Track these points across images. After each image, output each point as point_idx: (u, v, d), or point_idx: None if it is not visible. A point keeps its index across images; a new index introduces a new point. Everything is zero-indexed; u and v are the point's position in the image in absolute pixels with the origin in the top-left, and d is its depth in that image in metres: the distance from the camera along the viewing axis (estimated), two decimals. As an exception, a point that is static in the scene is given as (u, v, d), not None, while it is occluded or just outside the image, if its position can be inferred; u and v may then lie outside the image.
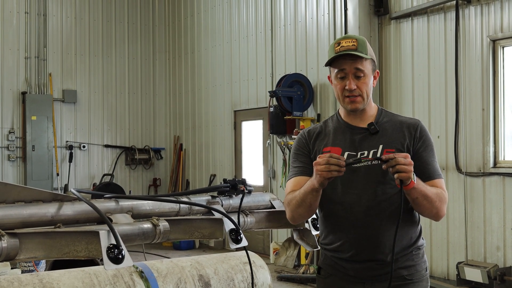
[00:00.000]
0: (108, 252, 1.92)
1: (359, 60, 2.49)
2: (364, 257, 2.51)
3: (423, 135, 2.56)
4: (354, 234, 2.52)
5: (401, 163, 2.27)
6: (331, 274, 2.64)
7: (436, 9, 7.32)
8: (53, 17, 11.20)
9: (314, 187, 2.40)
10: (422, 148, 2.53)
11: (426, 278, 2.61)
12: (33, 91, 10.86)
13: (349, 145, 2.57)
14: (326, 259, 2.66)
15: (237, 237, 2.45)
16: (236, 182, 2.77)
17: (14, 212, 2.05)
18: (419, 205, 2.44)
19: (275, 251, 9.02)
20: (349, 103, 2.54)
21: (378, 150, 2.52)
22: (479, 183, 6.86)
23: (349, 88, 2.51)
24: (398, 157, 2.29)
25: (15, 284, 2.54)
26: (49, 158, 10.87)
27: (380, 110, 2.67)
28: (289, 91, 8.55)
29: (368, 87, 2.55)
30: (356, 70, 2.50)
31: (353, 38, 2.53)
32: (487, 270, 6.44)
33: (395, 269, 2.48)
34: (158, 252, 9.53)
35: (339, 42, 2.52)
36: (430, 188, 2.44)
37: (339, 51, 2.50)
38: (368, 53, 2.54)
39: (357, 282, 2.55)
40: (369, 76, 2.54)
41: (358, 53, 2.48)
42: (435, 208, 2.45)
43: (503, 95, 6.76)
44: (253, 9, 10.04)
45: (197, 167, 11.50)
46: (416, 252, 2.57)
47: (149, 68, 12.25)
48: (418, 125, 2.57)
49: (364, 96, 2.54)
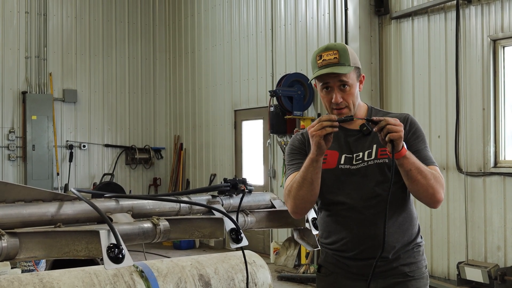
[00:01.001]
0: (108, 252, 1.92)
1: (342, 74, 2.49)
2: (367, 255, 2.52)
3: (413, 127, 2.57)
4: (357, 233, 2.54)
5: (391, 123, 2.29)
6: (333, 272, 2.65)
7: (436, 9, 7.32)
8: (54, 17, 11.20)
9: (313, 156, 2.40)
10: (412, 138, 2.54)
11: (426, 276, 2.64)
12: (33, 91, 10.86)
13: (345, 148, 2.59)
14: (328, 257, 2.66)
15: (237, 236, 2.45)
16: (236, 182, 2.77)
17: (14, 211, 2.04)
18: (413, 180, 2.41)
19: (275, 250, 9.02)
20: (338, 115, 2.53)
21: (373, 151, 2.54)
22: (479, 183, 6.86)
23: (335, 101, 2.51)
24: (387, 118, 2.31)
25: (15, 283, 2.54)
26: (49, 158, 10.87)
27: (369, 109, 2.68)
28: (289, 90, 8.55)
29: (355, 95, 2.56)
30: (341, 82, 2.51)
31: (334, 50, 2.50)
32: (488, 270, 6.44)
33: (397, 266, 2.53)
34: (158, 252, 9.53)
35: (321, 55, 2.51)
36: (424, 166, 2.44)
37: (321, 65, 2.50)
38: (351, 62, 2.52)
39: (359, 279, 2.56)
40: (354, 86, 2.55)
41: (340, 66, 2.48)
42: (430, 187, 2.43)
43: (503, 94, 6.76)
44: (253, 8, 10.04)
45: (198, 166, 11.50)
46: (417, 249, 2.60)
47: (150, 67, 12.25)
48: (408, 118, 2.59)
49: (351, 106, 2.55)
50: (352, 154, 2.57)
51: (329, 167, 2.57)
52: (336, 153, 2.59)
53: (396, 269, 2.54)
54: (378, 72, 7.89)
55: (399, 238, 2.53)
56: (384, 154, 2.52)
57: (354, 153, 2.57)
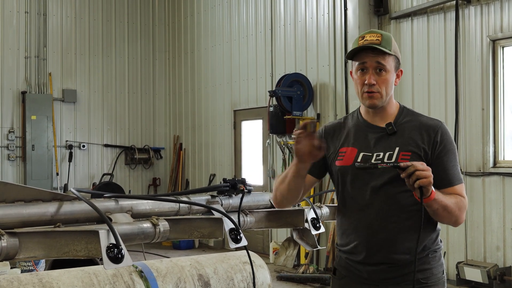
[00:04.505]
0: (108, 252, 1.92)
1: (381, 55, 2.42)
2: (378, 260, 2.45)
3: (444, 139, 2.46)
4: (368, 236, 2.46)
5: (419, 169, 2.20)
6: (345, 275, 2.59)
7: (436, 9, 7.32)
8: (53, 17, 11.20)
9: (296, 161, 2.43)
10: (443, 153, 2.44)
11: (443, 282, 2.53)
12: (33, 91, 10.86)
13: (365, 145, 2.50)
14: (341, 260, 2.61)
15: (236, 236, 2.45)
16: (235, 182, 2.76)
17: (14, 211, 2.04)
18: (438, 216, 2.37)
19: (274, 250, 9.02)
20: (367, 98, 2.45)
21: (394, 153, 2.43)
22: (478, 183, 6.86)
23: (368, 83, 2.42)
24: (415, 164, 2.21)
25: (15, 283, 2.54)
26: (48, 158, 10.86)
27: (401, 108, 2.57)
28: (288, 90, 8.55)
29: (389, 84, 2.46)
30: (378, 64, 2.43)
31: (378, 33, 2.46)
32: (487, 270, 6.44)
33: (410, 272, 2.42)
34: (158, 252, 9.53)
35: (364, 36, 2.46)
36: (450, 198, 2.36)
37: (362, 44, 2.44)
38: (392, 49, 2.46)
39: (371, 285, 2.49)
40: (391, 73, 2.46)
41: (381, 47, 2.42)
42: (454, 217, 2.39)
43: (502, 95, 6.77)
44: (253, 8, 10.04)
45: (197, 166, 11.50)
46: (433, 255, 2.50)
47: (149, 67, 12.25)
48: (439, 128, 2.48)
49: (383, 93, 2.45)
50: (372, 153, 2.47)
51: (345, 164, 2.50)
52: (355, 150, 2.50)
53: (409, 276, 2.41)
54: (378, 72, 7.89)
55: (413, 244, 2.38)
56: (406, 159, 2.40)
57: (374, 152, 2.47)
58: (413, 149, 2.43)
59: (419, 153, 2.43)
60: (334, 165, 2.55)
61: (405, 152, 2.42)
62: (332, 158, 2.57)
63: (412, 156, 2.41)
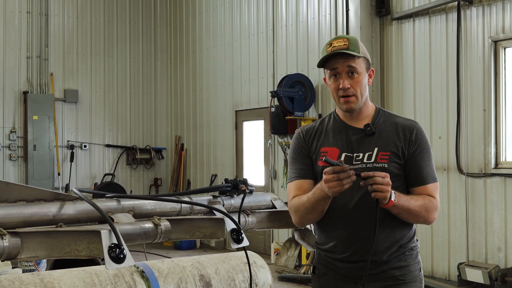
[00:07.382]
0: (110, 252, 1.92)
1: (351, 59, 2.49)
2: (357, 258, 2.51)
3: (419, 138, 2.54)
4: (348, 235, 2.52)
5: (378, 183, 2.29)
6: (324, 273, 2.65)
7: (437, 10, 7.32)
8: (55, 17, 11.21)
9: (327, 195, 2.40)
10: (417, 152, 2.52)
11: (420, 279, 2.61)
12: (34, 91, 10.87)
13: (346, 146, 2.57)
14: (320, 258, 2.67)
15: (238, 237, 2.45)
16: (237, 182, 2.76)
17: (16, 211, 2.05)
18: (402, 218, 2.48)
19: (276, 251, 9.02)
20: (344, 103, 2.53)
21: (373, 153, 2.51)
22: (480, 184, 6.86)
23: (342, 87, 2.50)
24: (377, 176, 2.30)
25: (16, 283, 2.55)
26: (50, 158, 10.87)
27: (377, 110, 2.65)
28: (290, 91, 8.55)
29: (362, 85, 2.54)
30: (349, 68, 2.50)
31: (345, 38, 2.53)
32: (488, 271, 6.43)
33: (387, 269, 2.52)
34: (159, 252, 9.53)
35: (331, 43, 2.53)
36: (415, 201, 2.45)
37: (331, 51, 2.50)
38: (361, 51, 2.53)
39: (349, 282, 2.56)
40: (362, 74, 2.53)
41: (350, 51, 2.48)
42: (421, 218, 2.49)
43: (504, 96, 6.76)
44: (254, 9, 10.04)
45: (198, 167, 11.50)
46: (409, 253, 2.57)
47: (151, 68, 12.26)
48: (414, 128, 2.56)
49: (358, 95, 2.53)
50: (353, 154, 2.54)
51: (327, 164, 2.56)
52: (337, 150, 2.57)
53: (386, 273, 2.52)
54: (379, 73, 7.89)
55: (390, 242, 2.51)
56: (384, 159, 2.50)
57: (354, 153, 2.54)
58: (392, 149, 2.52)
59: (397, 153, 2.51)
60: (317, 165, 2.61)
61: (384, 152, 2.50)
62: (314, 158, 2.63)
63: (391, 156, 2.50)
